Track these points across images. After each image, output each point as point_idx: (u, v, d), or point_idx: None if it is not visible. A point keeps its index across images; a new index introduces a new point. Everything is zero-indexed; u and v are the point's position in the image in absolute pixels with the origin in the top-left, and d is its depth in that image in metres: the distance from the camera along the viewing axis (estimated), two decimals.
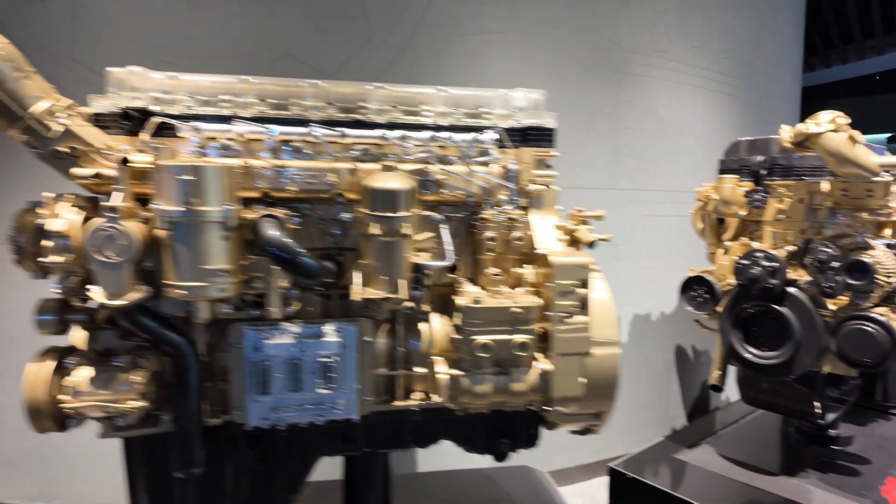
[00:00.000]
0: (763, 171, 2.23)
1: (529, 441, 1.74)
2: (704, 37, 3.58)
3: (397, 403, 1.56)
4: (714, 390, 2.48)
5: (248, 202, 1.39)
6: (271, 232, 1.32)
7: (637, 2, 3.22)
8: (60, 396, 1.27)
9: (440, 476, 2.45)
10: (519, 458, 1.83)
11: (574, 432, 1.74)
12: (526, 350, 1.47)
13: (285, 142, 1.47)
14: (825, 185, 2.06)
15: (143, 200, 1.32)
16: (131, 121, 1.42)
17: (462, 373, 1.48)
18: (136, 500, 1.54)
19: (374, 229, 1.37)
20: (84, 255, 1.21)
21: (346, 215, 1.48)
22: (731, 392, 3.13)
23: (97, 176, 1.24)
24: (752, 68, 4.01)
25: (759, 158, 2.26)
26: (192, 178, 1.22)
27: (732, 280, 2.26)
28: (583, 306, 1.50)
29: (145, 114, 1.43)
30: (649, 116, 3.41)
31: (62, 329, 1.36)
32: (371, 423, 1.55)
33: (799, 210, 2.13)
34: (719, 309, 2.35)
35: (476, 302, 1.45)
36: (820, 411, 2.37)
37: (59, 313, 1.32)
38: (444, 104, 1.64)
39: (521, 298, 1.48)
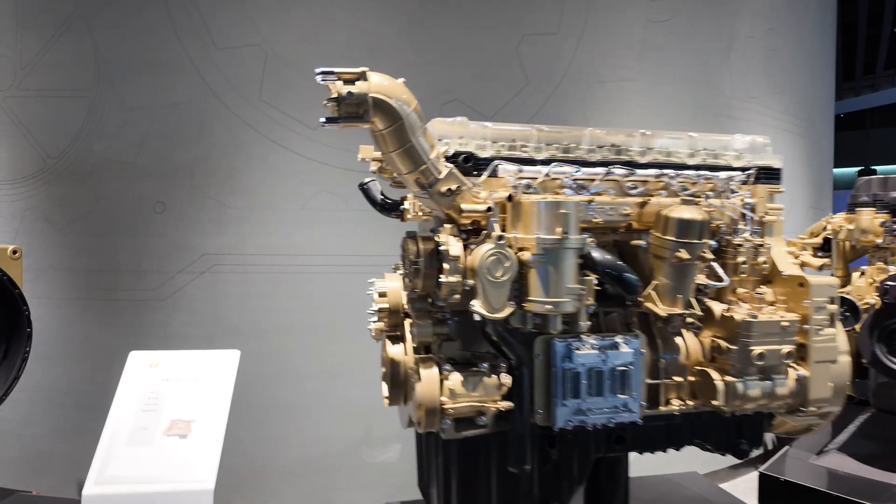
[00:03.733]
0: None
1: (756, 441, 1.97)
2: (782, 84, 4.00)
3: (663, 408, 1.78)
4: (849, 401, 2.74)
5: None
6: (603, 254, 1.55)
7: (735, 53, 3.62)
8: (442, 398, 1.45)
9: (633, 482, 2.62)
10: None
11: (791, 433, 1.98)
12: (790, 358, 1.72)
13: (583, 180, 1.72)
14: None
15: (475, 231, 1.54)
16: (468, 163, 1.64)
17: (736, 379, 1.71)
18: (447, 494, 1.70)
19: (681, 254, 1.62)
20: (468, 276, 1.42)
21: (639, 242, 1.72)
22: None
23: (488, 210, 1.45)
24: (812, 109, 4.45)
25: (894, 194, 2.60)
26: (565, 211, 1.45)
27: (870, 299, 2.57)
28: (832, 320, 1.76)
29: (468, 157, 1.66)
30: None
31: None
32: (636, 427, 1.76)
33: None
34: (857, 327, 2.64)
35: (752, 317, 1.70)
36: None
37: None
38: (689, 147, 1.91)
39: (785, 314, 1.73)
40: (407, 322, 1.74)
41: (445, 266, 1.42)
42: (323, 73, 1.29)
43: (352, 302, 2.85)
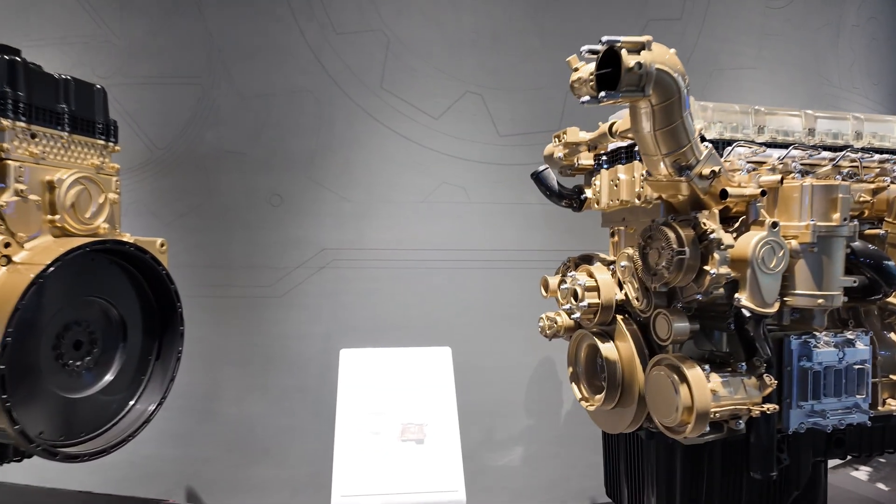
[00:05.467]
0: None
1: None
2: (879, 74, 3.89)
3: (881, 409, 1.66)
4: None
5: None
6: (863, 244, 1.43)
7: (842, 42, 3.51)
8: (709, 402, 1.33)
9: None
10: None
11: None
12: None
13: (809, 164, 1.60)
14: None
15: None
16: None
17: None
18: (670, 497, 1.58)
19: None
20: (738, 267, 1.30)
21: (876, 231, 1.60)
22: None
23: (763, 194, 1.33)
24: None
25: None
26: (843, 196, 1.33)
27: None
28: None
29: (701, 139, 1.53)
30: None
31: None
32: (853, 429, 1.65)
33: None
34: None
35: None
36: None
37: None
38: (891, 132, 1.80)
39: None
40: (620, 318, 1.62)
41: (715, 256, 1.29)
42: (609, 40, 1.16)
43: (475, 297, 2.73)
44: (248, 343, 2.67)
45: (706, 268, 1.30)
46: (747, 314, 1.33)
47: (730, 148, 1.51)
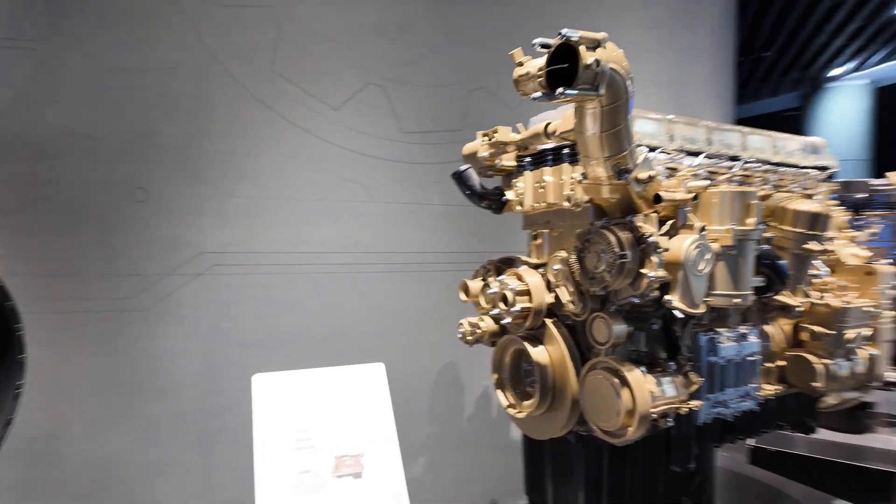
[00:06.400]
0: (861, 204, 3.00)
1: (815, 418, 2.15)
2: (725, 96, 4.47)
3: (760, 394, 1.86)
4: None
5: None
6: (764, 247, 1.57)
7: (699, 64, 3.96)
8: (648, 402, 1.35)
9: None
10: None
11: (833, 406, 2.21)
12: (867, 340, 1.90)
13: (712, 173, 1.72)
14: None
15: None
16: None
17: (831, 361, 1.84)
18: (597, 499, 1.59)
19: (810, 245, 1.69)
20: (670, 269, 1.34)
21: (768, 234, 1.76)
22: None
23: (694, 198, 1.37)
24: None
25: (859, 195, 3.03)
26: (755, 202, 1.43)
27: None
28: (894, 304, 1.99)
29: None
30: None
31: None
32: (742, 414, 1.82)
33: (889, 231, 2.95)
34: None
35: (847, 303, 1.84)
36: None
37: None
38: (772, 146, 2.02)
39: (864, 300, 1.91)
40: (549, 322, 1.60)
41: (652, 259, 1.32)
42: (568, 33, 1.11)
43: (381, 303, 2.58)
44: (104, 367, 2.22)
45: (643, 271, 1.32)
46: (679, 315, 1.37)
47: (652, 154, 1.56)
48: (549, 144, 1.61)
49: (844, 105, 15.15)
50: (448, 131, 2.67)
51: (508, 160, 1.79)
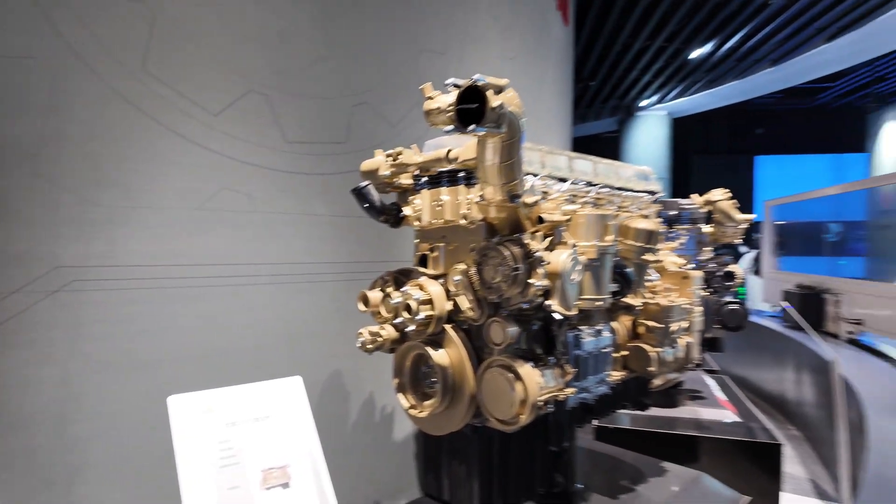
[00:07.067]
0: (673, 220, 3.68)
1: (649, 397, 2.62)
2: (563, 124, 5.09)
3: (609, 379, 2.25)
4: None
5: None
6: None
7: (544, 95, 4.46)
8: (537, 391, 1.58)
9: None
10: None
11: (660, 386, 2.72)
12: (684, 331, 2.39)
13: (574, 196, 2.04)
14: (707, 228, 3.63)
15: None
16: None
17: (661, 350, 2.29)
18: (489, 485, 1.79)
19: (647, 256, 2.09)
20: (551, 279, 1.59)
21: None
22: None
23: (569, 220, 1.63)
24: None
25: (671, 212, 3.71)
26: (612, 223, 1.75)
27: None
28: (702, 301, 2.52)
29: None
30: None
31: None
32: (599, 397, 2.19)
33: (692, 241, 3.67)
34: None
35: (672, 302, 2.30)
36: None
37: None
38: (616, 173, 2.43)
39: (682, 299, 2.39)
40: (448, 327, 1.78)
41: (539, 270, 1.56)
42: (478, 78, 1.30)
43: (264, 315, 2.53)
44: None
45: (531, 281, 1.55)
46: (558, 317, 1.63)
47: (531, 181, 1.81)
48: (448, 168, 1.78)
49: (650, 131, 18.01)
50: (332, 143, 2.72)
51: (406, 179, 1.93)
